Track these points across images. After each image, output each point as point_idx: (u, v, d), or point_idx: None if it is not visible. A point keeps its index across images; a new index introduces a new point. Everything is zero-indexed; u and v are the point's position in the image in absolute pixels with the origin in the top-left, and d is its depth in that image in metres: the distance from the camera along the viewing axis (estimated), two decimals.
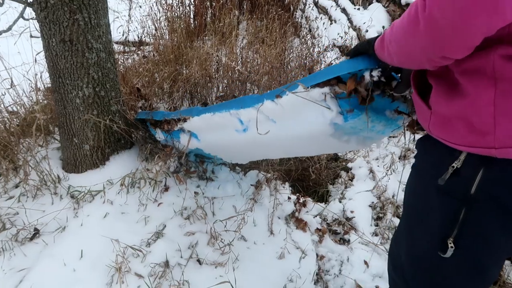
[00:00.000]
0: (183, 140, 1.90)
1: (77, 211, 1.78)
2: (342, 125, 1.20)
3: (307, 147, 1.52)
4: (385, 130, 1.33)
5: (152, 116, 1.99)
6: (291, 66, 3.34)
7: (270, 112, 1.37)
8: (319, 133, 1.27)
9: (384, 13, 4.37)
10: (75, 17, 1.69)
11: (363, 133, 1.30)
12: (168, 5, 3.98)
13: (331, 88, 1.17)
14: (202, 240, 1.78)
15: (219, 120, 1.60)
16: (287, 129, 1.37)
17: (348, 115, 1.18)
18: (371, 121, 1.23)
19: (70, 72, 1.78)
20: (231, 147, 1.79)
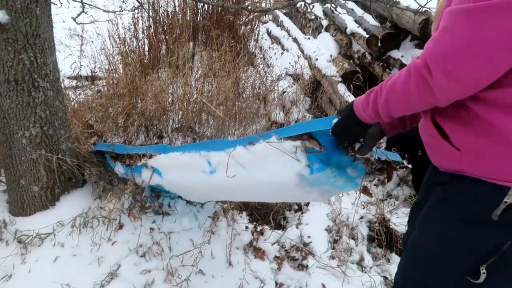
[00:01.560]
0: (145, 175, 1.88)
1: (24, 257, 1.71)
2: (307, 177, 1.29)
3: (271, 194, 1.61)
4: (345, 186, 1.43)
5: (113, 149, 1.95)
6: (245, 95, 3.42)
7: (241, 157, 1.43)
8: (285, 182, 1.36)
9: (332, 42, 4.60)
10: (20, 56, 1.67)
11: (324, 187, 1.40)
12: (121, 39, 3.99)
13: (302, 142, 1.27)
14: (159, 278, 1.75)
15: (187, 159, 1.63)
16: (255, 175, 1.43)
17: (314, 168, 1.28)
18: (334, 176, 1.33)
19: (16, 112, 1.74)
20: (194, 188, 1.82)
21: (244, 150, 1.41)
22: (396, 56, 3.65)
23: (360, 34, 3.97)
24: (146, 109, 2.84)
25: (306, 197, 1.56)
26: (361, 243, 2.21)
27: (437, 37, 0.82)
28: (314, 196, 1.46)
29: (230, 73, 3.21)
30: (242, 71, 3.68)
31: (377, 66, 3.83)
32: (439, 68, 0.80)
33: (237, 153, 1.43)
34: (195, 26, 4.87)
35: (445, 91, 0.83)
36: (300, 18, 5.84)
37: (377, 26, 3.90)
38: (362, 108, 1.05)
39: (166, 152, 1.72)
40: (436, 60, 0.80)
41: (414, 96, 0.88)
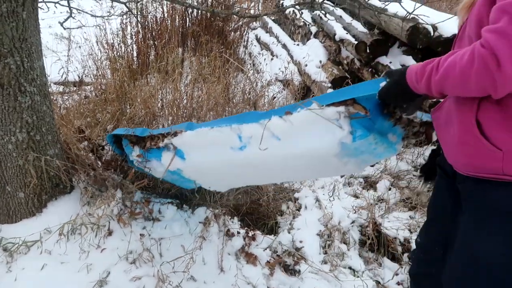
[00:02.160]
0: (165, 159, 1.78)
1: (10, 265, 1.66)
2: (348, 145, 1.26)
3: (304, 168, 1.51)
4: (383, 153, 1.39)
5: (133, 132, 1.88)
6: (235, 101, 3.41)
7: (276, 128, 1.38)
8: (324, 152, 1.31)
9: (321, 48, 4.63)
10: (5, 61, 1.64)
11: (363, 156, 1.36)
12: (109, 45, 3.96)
13: (346, 108, 1.23)
14: (150, 284, 1.71)
15: (215, 135, 1.56)
16: (291, 147, 1.37)
17: (357, 135, 1.24)
18: (375, 143, 1.29)
19: (1, 117, 1.70)
20: (218, 170, 1.71)
21: (280, 121, 1.36)
22: (385, 62, 3.68)
23: (348, 40, 4.00)
24: (135, 114, 2.81)
25: (342, 170, 1.46)
26: (353, 248, 2.20)
27: (506, 28, 0.81)
28: (351, 167, 1.39)
29: (220, 78, 3.20)
30: (232, 77, 3.68)
31: (366, 72, 3.86)
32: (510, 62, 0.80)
33: (273, 124, 1.37)
34: (184, 32, 4.86)
35: (509, 84, 0.83)
36: (289, 25, 5.87)
37: (366, 33, 3.94)
38: (415, 79, 1.03)
39: (192, 128, 1.66)
40: (508, 54, 0.80)
41: (473, 84, 0.87)
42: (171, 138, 1.74)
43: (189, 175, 1.85)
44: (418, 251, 1.40)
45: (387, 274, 2.06)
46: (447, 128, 1.08)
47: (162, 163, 1.81)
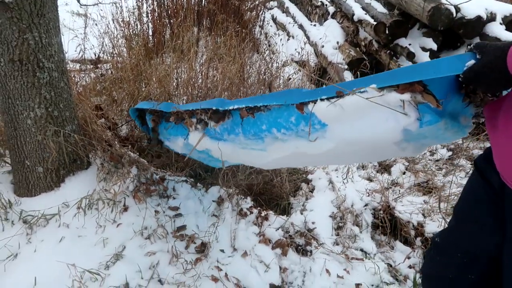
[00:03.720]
0: (193, 138, 1.65)
1: (30, 237, 1.71)
2: (413, 132, 1.09)
3: (352, 155, 1.36)
4: (451, 137, 1.21)
5: (158, 107, 1.77)
6: (250, 81, 3.39)
7: (323, 114, 1.22)
8: (382, 140, 1.15)
9: (338, 29, 4.55)
10: (24, 36, 1.65)
11: (426, 140, 1.20)
12: (125, 23, 3.95)
13: (412, 96, 1.02)
14: (164, 260, 1.75)
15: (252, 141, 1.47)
16: (340, 135, 1.22)
17: (425, 121, 1.06)
18: (445, 128, 1.12)
19: (21, 92, 1.73)
20: (255, 154, 1.55)
21: (327, 105, 1.17)
22: (404, 44, 3.60)
23: (367, 21, 3.92)
24: (150, 93, 2.82)
25: (397, 154, 1.27)
26: (365, 230, 2.20)
27: None
28: (408, 151, 1.21)
29: (235, 58, 3.18)
30: (247, 57, 3.65)
31: (384, 54, 3.78)
32: None
33: (319, 108, 1.20)
34: (200, 11, 4.81)
35: None
36: (306, 5, 5.76)
37: (385, 13, 3.85)
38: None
39: (224, 106, 1.50)
40: None
41: None
42: (203, 115, 1.60)
43: (219, 155, 1.68)
44: (435, 251, 1.30)
45: (398, 257, 2.06)
46: (506, 132, 0.90)
47: (189, 142, 1.70)
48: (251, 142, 1.49)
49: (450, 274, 1.23)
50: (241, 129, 1.49)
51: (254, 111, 1.44)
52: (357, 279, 1.87)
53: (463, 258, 1.18)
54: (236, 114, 1.51)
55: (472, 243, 1.16)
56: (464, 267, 1.19)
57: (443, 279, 1.26)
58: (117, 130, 2.47)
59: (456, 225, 1.25)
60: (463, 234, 1.20)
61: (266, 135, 1.43)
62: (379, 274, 1.90)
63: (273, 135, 1.40)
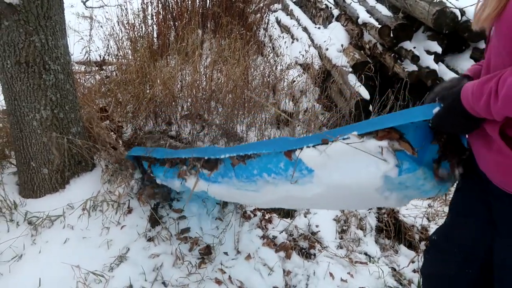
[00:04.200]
0: (189, 182, 1.70)
1: (35, 238, 1.72)
2: (393, 179, 1.15)
3: (338, 200, 1.41)
4: (431, 191, 1.24)
5: (151, 155, 1.82)
6: (255, 84, 3.40)
7: (309, 160, 1.27)
8: (365, 186, 1.20)
9: (343, 31, 4.54)
10: (31, 38, 1.66)
11: (407, 191, 1.24)
12: (130, 25, 3.96)
13: (390, 143, 1.10)
14: (167, 262, 1.75)
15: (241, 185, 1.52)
16: (326, 179, 1.27)
17: (404, 168, 1.12)
18: (424, 178, 1.16)
19: (27, 94, 1.74)
20: (248, 196, 1.60)
21: (313, 152, 1.24)
22: (408, 48, 3.59)
23: (372, 24, 3.91)
24: (155, 95, 2.83)
25: (381, 203, 1.33)
26: (369, 234, 2.20)
27: None
28: (391, 202, 1.26)
29: (239, 60, 3.19)
30: (251, 59, 3.65)
31: (388, 57, 3.78)
32: None
33: (306, 155, 1.27)
34: (205, 13, 4.83)
35: None
36: (310, 8, 5.76)
37: (390, 17, 3.84)
38: (472, 100, 0.89)
39: (215, 155, 1.56)
40: None
41: None
42: (196, 163, 1.67)
43: (215, 195, 1.73)
44: (433, 250, 1.32)
45: (403, 261, 2.06)
46: (481, 141, 1.00)
47: (186, 185, 1.73)
48: (244, 184, 1.52)
49: (449, 271, 1.24)
50: (233, 173, 1.54)
51: (245, 158, 1.49)
52: (361, 283, 1.86)
53: (461, 254, 1.19)
54: (228, 161, 1.55)
55: (468, 236, 1.17)
56: (462, 263, 1.19)
57: (442, 278, 1.26)
58: (121, 132, 2.47)
59: (451, 220, 1.26)
60: (458, 228, 1.22)
61: (258, 179, 1.47)
62: (383, 278, 1.89)
63: (264, 179, 1.45)
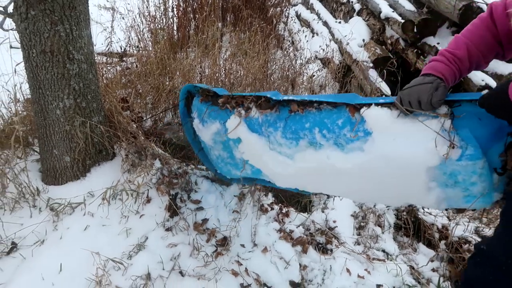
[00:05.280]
0: (230, 123, 1.62)
1: (56, 224, 1.75)
2: (449, 163, 1.13)
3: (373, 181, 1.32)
4: (474, 198, 1.20)
5: (213, 90, 1.75)
6: (274, 77, 3.38)
7: (373, 120, 1.24)
8: (416, 162, 1.17)
9: (364, 26, 4.47)
10: (56, 28, 1.68)
11: (452, 190, 1.20)
12: (151, 17, 3.99)
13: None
14: (185, 252, 1.77)
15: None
16: (379, 146, 1.22)
17: (466, 153, 1.11)
18: (479, 175, 1.14)
19: (51, 83, 1.77)
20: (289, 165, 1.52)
21: (382, 111, 1.21)
22: (432, 43, 3.51)
23: (395, 19, 3.84)
24: (175, 87, 2.85)
25: (419, 195, 1.26)
26: (387, 231, 2.17)
27: None
28: (430, 198, 1.22)
29: (259, 54, 3.17)
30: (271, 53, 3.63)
31: (410, 52, 3.70)
32: None
33: (371, 113, 1.23)
34: (225, 6, 4.82)
35: None
36: (331, 2, 5.69)
37: (413, 11, 3.76)
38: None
39: (278, 97, 1.50)
40: None
41: None
42: (252, 104, 1.58)
43: (245, 150, 1.66)
44: (481, 258, 1.26)
45: (421, 260, 2.02)
46: None
47: (226, 125, 1.64)
48: (284, 142, 1.47)
49: (497, 278, 1.18)
50: (283, 123, 1.48)
51: (306, 106, 1.44)
52: (378, 280, 1.84)
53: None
54: (284, 110, 1.50)
55: None
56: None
57: (492, 283, 1.21)
58: (141, 123, 2.50)
59: (503, 231, 1.20)
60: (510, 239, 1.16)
61: (304, 136, 1.42)
62: (401, 276, 1.86)
63: (312, 136, 1.39)
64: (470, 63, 1.19)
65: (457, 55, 1.18)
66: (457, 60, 1.18)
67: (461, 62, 1.18)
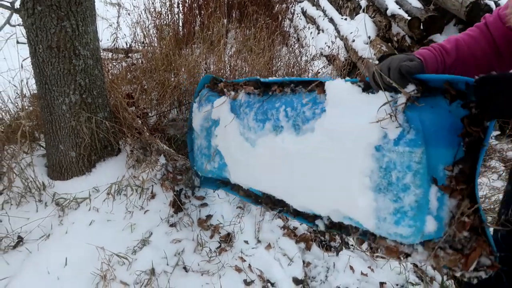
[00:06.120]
0: (219, 100, 1.68)
1: (62, 219, 1.77)
2: (386, 146, 1.03)
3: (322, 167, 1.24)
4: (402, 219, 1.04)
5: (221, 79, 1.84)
6: (279, 74, 3.37)
7: (333, 91, 1.20)
8: (358, 136, 1.09)
9: (370, 23, 4.45)
10: (62, 24, 1.69)
11: (383, 197, 1.07)
12: (157, 13, 3.99)
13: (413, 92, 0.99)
14: (189, 248, 1.78)
15: None
16: (330, 122, 1.19)
17: (406, 136, 1.00)
18: (417, 170, 1.00)
19: (57, 78, 1.78)
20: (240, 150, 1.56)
21: (345, 84, 1.18)
22: (439, 41, 3.49)
23: (401, 16, 3.81)
24: (180, 83, 2.85)
25: (352, 195, 1.14)
26: None
27: None
28: (362, 204, 1.10)
29: (264, 50, 3.17)
30: (276, 50, 3.62)
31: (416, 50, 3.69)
32: None
33: (336, 84, 1.20)
34: (230, 3, 4.81)
35: None
36: None
37: (420, 8, 3.74)
38: None
39: (265, 80, 1.53)
40: None
41: None
42: (242, 89, 1.62)
43: (218, 133, 1.69)
44: None
45: None
46: None
47: (214, 104, 1.70)
48: (253, 126, 1.49)
49: (498, 273, 1.16)
50: (259, 104, 1.51)
51: (284, 88, 1.46)
52: (382, 278, 1.84)
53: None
54: (266, 94, 1.53)
55: None
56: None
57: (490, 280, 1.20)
58: (146, 119, 2.51)
59: None
60: None
61: (271, 116, 1.43)
62: (405, 273, 1.86)
63: (277, 117, 1.40)
64: (456, 58, 1.11)
65: (444, 46, 1.13)
66: (443, 51, 1.12)
67: (447, 54, 1.12)
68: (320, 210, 1.33)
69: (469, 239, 0.99)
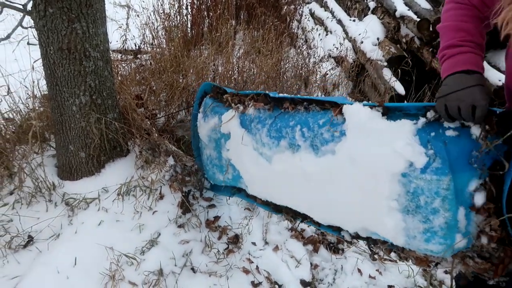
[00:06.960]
0: (226, 116, 1.65)
1: (71, 219, 1.78)
2: (412, 174, 1.04)
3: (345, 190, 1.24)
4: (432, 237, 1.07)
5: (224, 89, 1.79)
6: (287, 76, 3.37)
7: (352, 118, 1.19)
8: (383, 165, 1.09)
9: (379, 25, 4.43)
10: (73, 26, 1.71)
11: (412, 218, 1.09)
12: (165, 15, 4.01)
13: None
14: (197, 249, 1.78)
15: None
16: (350, 147, 1.18)
17: (432, 165, 1.02)
18: (444, 197, 1.02)
19: (68, 80, 1.80)
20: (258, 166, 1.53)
21: (363, 109, 1.16)
22: None
23: (410, 17, 3.79)
24: (188, 85, 2.86)
25: (379, 215, 1.15)
26: None
27: None
28: (390, 224, 1.12)
29: (273, 52, 3.17)
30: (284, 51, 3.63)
31: (426, 51, 3.66)
32: None
33: (351, 109, 1.19)
34: (238, 4, 4.83)
35: None
36: (346, 0, 5.65)
37: (429, 10, 3.71)
38: None
39: (274, 95, 1.50)
40: None
41: None
42: (251, 102, 1.59)
43: (230, 148, 1.67)
44: None
45: None
46: None
47: (222, 118, 1.66)
48: (267, 142, 1.47)
49: None
50: (272, 121, 1.48)
51: (297, 106, 1.44)
52: (390, 281, 1.83)
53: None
54: (278, 110, 1.50)
55: None
56: None
57: None
58: (155, 120, 2.52)
59: None
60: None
61: (286, 134, 1.41)
62: (413, 277, 1.85)
63: (292, 135, 1.38)
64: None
65: (474, 41, 1.08)
66: (478, 47, 1.08)
67: (481, 47, 1.09)
68: (348, 227, 1.34)
69: (497, 249, 1.01)
